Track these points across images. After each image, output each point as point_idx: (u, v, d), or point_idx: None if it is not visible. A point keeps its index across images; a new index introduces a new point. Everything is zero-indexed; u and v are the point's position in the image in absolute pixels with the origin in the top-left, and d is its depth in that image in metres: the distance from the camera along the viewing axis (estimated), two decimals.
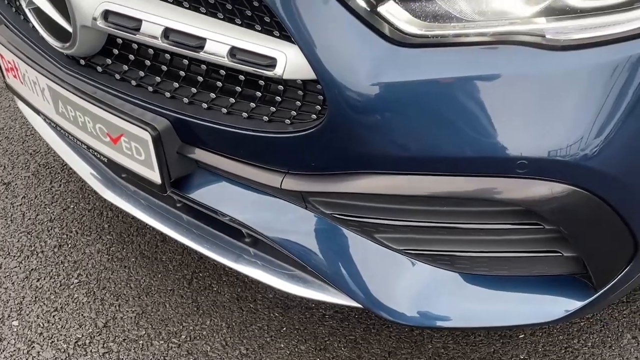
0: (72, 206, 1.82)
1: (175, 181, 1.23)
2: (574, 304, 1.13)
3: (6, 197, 1.85)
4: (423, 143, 0.98)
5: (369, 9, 0.95)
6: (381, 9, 0.95)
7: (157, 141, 1.16)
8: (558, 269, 1.13)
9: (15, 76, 1.43)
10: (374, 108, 0.96)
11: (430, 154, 0.98)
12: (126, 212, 1.45)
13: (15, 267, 1.66)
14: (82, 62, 1.26)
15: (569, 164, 0.95)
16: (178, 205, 1.38)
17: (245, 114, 1.09)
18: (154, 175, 1.21)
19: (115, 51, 1.22)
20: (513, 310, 1.16)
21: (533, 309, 1.15)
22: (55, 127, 1.41)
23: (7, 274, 1.64)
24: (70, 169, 1.65)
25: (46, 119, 1.42)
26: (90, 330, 1.51)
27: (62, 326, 1.52)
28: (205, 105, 1.13)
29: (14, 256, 1.69)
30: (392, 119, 0.97)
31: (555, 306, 1.14)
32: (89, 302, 1.57)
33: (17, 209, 1.81)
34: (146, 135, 1.16)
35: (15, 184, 1.89)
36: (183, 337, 1.50)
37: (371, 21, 0.95)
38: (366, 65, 0.96)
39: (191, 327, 1.51)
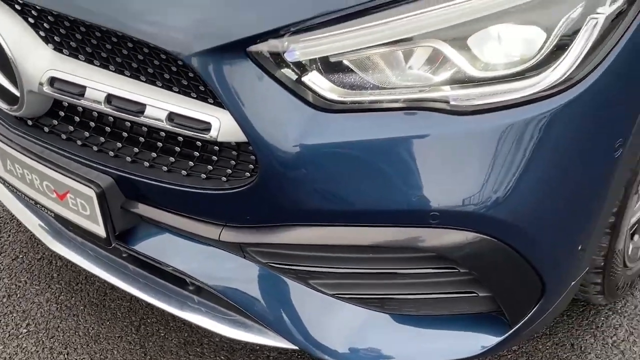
0: (21, 256, 1.86)
1: (120, 234, 1.30)
2: (492, 340, 1.24)
3: None
4: (345, 198, 1.08)
5: (294, 79, 1.06)
6: (305, 79, 1.06)
7: (102, 198, 1.23)
8: (476, 307, 1.23)
9: None
10: (300, 167, 1.06)
11: (352, 208, 1.08)
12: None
13: None
14: (30, 122, 1.33)
15: (475, 214, 1.06)
16: (124, 255, 1.44)
17: (184, 172, 1.18)
18: (99, 230, 1.28)
19: (62, 113, 1.30)
20: (438, 347, 1.26)
21: (455, 345, 1.25)
22: (3, 182, 1.47)
23: None
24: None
25: None
26: None
27: None
28: (147, 164, 1.21)
29: None
30: (316, 177, 1.07)
31: (474, 342, 1.24)
32: (38, 351, 1.61)
33: None
34: (91, 192, 1.23)
35: None
36: None
37: (296, 90, 1.05)
38: (292, 129, 1.05)
39: None
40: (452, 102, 1.04)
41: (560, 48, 1.03)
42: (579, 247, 1.23)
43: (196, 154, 1.17)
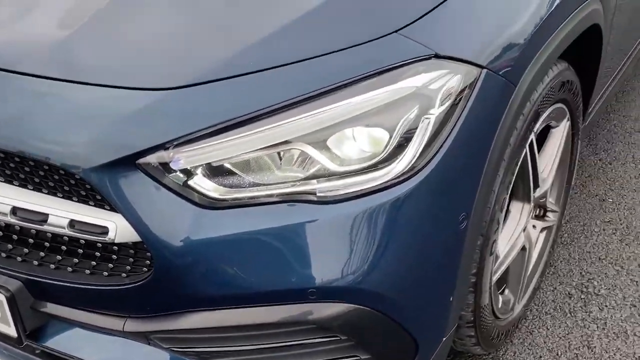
0: None
1: (30, 333, 1.39)
2: None
3: None
4: (232, 283, 1.22)
5: (181, 184, 1.21)
6: (190, 182, 1.21)
7: (11, 301, 1.33)
8: None
9: None
10: (190, 260, 1.20)
11: (237, 292, 1.22)
12: None
13: None
14: None
15: (347, 288, 1.23)
16: (37, 352, 1.52)
17: (87, 271, 1.30)
18: (11, 330, 1.37)
19: None
20: None
21: None
22: None
23: None
24: None
25: None
26: None
27: None
28: (52, 266, 1.32)
29: None
30: (205, 267, 1.21)
31: None
32: None
33: None
34: (1, 297, 1.32)
35: None
36: None
37: (183, 192, 1.21)
38: (181, 227, 1.20)
39: None
40: (318, 194, 1.22)
41: (402, 144, 1.23)
42: (443, 307, 1.41)
43: (97, 254, 1.30)
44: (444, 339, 1.47)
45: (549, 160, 1.83)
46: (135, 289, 1.26)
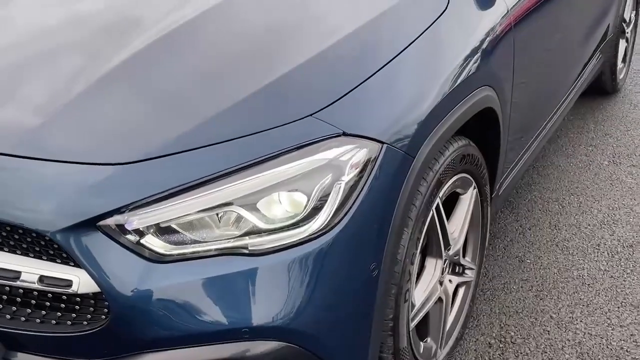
0: None
1: None
2: None
3: None
4: (178, 327, 1.45)
5: (134, 242, 1.46)
6: (143, 241, 1.46)
7: None
8: None
9: None
10: (142, 307, 1.43)
11: (182, 333, 1.45)
12: None
13: None
14: None
15: (274, 327, 1.47)
16: None
17: (54, 322, 1.51)
18: None
19: None
20: None
21: None
22: None
23: None
24: None
25: None
26: None
27: None
28: (23, 319, 1.53)
29: None
30: (154, 313, 1.44)
31: None
32: None
33: None
34: None
35: None
36: None
37: (135, 249, 1.45)
38: (134, 279, 1.44)
39: None
40: (250, 248, 1.48)
41: (318, 206, 1.50)
42: (363, 347, 1.65)
43: (62, 305, 1.51)
44: None
45: (459, 223, 2.11)
46: (95, 334, 1.48)
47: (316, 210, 1.51)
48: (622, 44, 4.21)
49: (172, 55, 1.77)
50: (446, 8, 1.93)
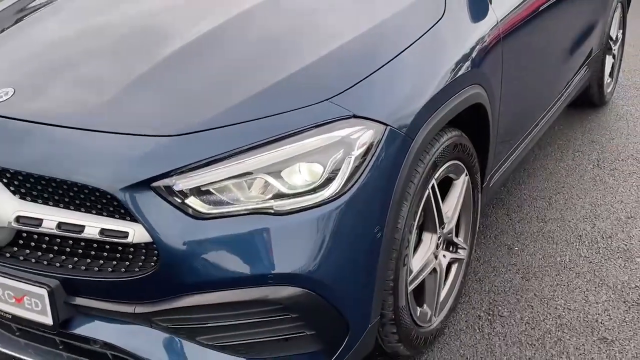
0: None
1: (62, 322, 1.87)
2: None
3: None
4: (216, 272, 1.75)
5: (180, 202, 1.76)
6: (187, 201, 1.76)
7: (51, 295, 1.82)
8: (304, 347, 1.88)
9: None
10: (187, 256, 1.73)
11: (221, 277, 1.75)
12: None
13: None
14: None
15: (295, 275, 1.76)
16: (60, 347, 1.98)
17: (109, 269, 1.80)
18: (48, 320, 1.85)
19: (20, 241, 1.90)
20: None
21: None
22: None
23: None
24: None
25: None
26: None
27: None
28: (83, 267, 1.82)
29: None
30: (198, 261, 1.74)
31: None
32: None
33: None
34: (43, 292, 1.82)
35: None
36: None
37: (181, 207, 1.75)
38: (180, 231, 1.74)
39: None
40: (275, 209, 1.78)
41: (331, 176, 1.81)
42: (368, 299, 1.94)
43: (118, 255, 1.81)
44: (370, 325, 1.99)
45: (452, 205, 2.41)
46: (146, 279, 1.77)
47: (329, 180, 1.81)
48: (609, 60, 4.54)
49: (211, 50, 2.10)
50: (442, 15, 2.25)
